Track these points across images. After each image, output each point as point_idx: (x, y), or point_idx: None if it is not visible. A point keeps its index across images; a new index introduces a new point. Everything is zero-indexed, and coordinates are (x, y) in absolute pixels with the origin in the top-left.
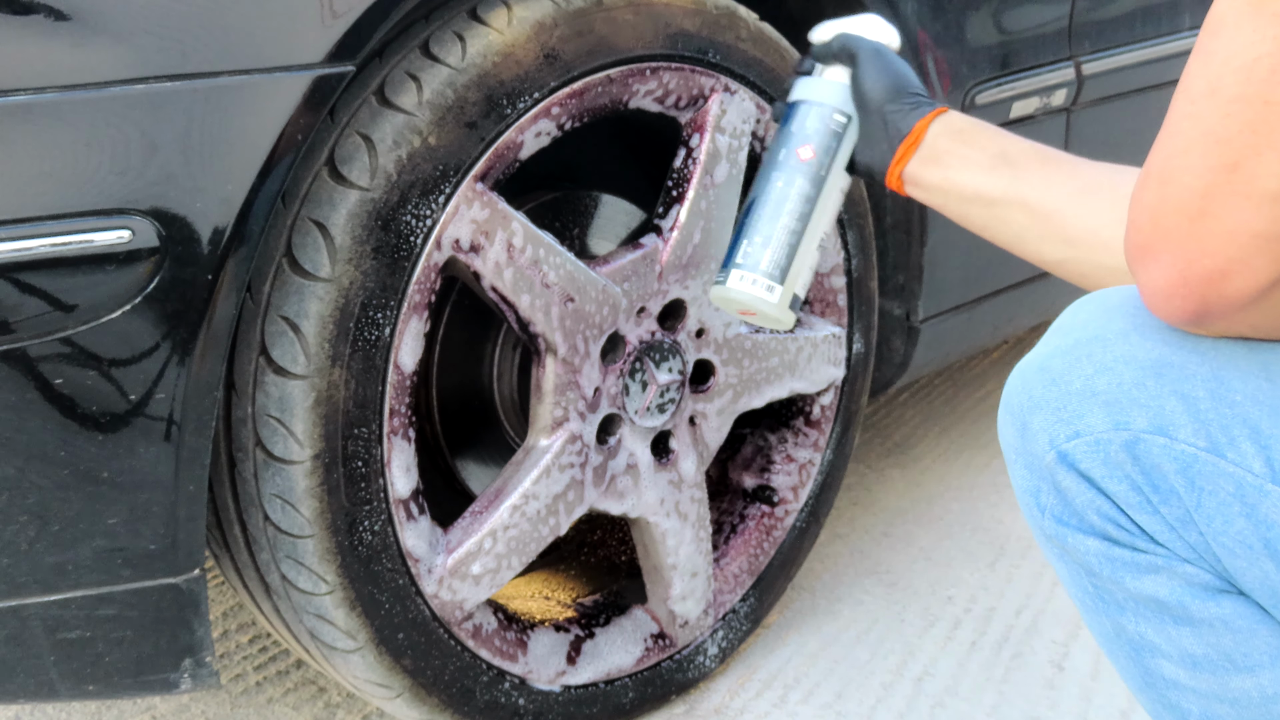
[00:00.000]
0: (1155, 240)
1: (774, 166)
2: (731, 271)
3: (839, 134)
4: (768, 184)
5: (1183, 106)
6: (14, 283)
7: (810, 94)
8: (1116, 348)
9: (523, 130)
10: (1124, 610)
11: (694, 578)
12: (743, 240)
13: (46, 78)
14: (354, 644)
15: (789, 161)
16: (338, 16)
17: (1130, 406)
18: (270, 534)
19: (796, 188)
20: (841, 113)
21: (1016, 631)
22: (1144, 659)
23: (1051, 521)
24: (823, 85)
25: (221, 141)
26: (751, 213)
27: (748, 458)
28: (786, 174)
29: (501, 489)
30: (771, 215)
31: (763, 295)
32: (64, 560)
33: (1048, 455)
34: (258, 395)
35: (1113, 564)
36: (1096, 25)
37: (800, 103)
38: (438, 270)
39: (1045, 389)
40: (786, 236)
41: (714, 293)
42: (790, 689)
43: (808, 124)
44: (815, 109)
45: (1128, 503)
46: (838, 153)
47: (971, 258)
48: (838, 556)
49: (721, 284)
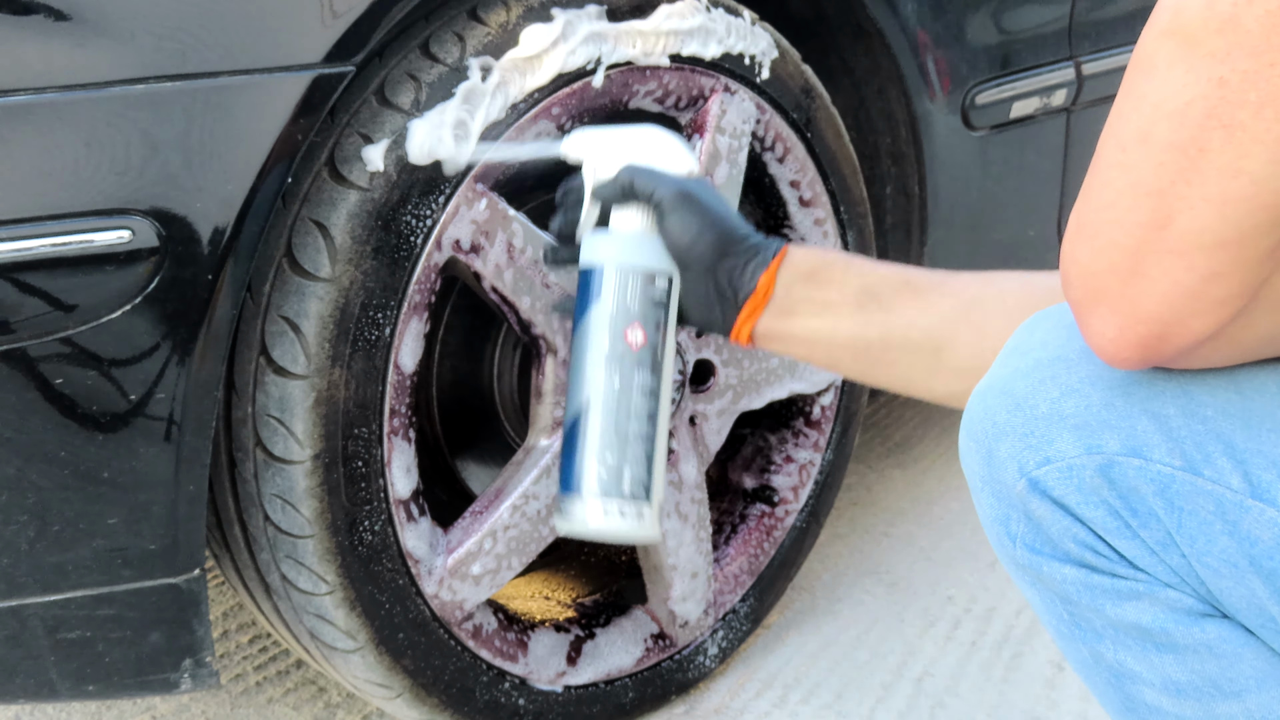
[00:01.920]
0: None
1: (600, 360)
2: (587, 502)
3: (664, 302)
4: (598, 385)
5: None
6: (14, 283)
7: (614, 255)
8: (1080, 368)
9: (522, 131)
10: (1102, 638)
11: (694, 578)
12: (587, 459)
13: (46, 78)
14: (354, 644)
15: (617, 350)
16: (338, 16)
17: (1101, 429)
18: (270, 534)
19: (636, 383)
20: (662, 274)
21: (1016, 631)
22: (1124, 686)
23: (1024, 550)
24: (627, 241)
25: (221, 141)
26: (586, 422)
27: (747, 458)
28: (621, 369)
29: (501, 489)
30: (618, 425)
31: (632, 525)
32: (64, 560)
33: (1018, 483)
34: (258, 395)
35: (1091, 592)
36: (1097, 25)
37: (604, 267)
38: (438, 271)
39: (1010, 414)
40: (641, 445)
41: (564, 527)
42: (790, 689)
43: (626, 298)
44: (629, 276)
45: (1105, 528)
46: (668, 324)
47: (971, 258)
48: (838, 556)
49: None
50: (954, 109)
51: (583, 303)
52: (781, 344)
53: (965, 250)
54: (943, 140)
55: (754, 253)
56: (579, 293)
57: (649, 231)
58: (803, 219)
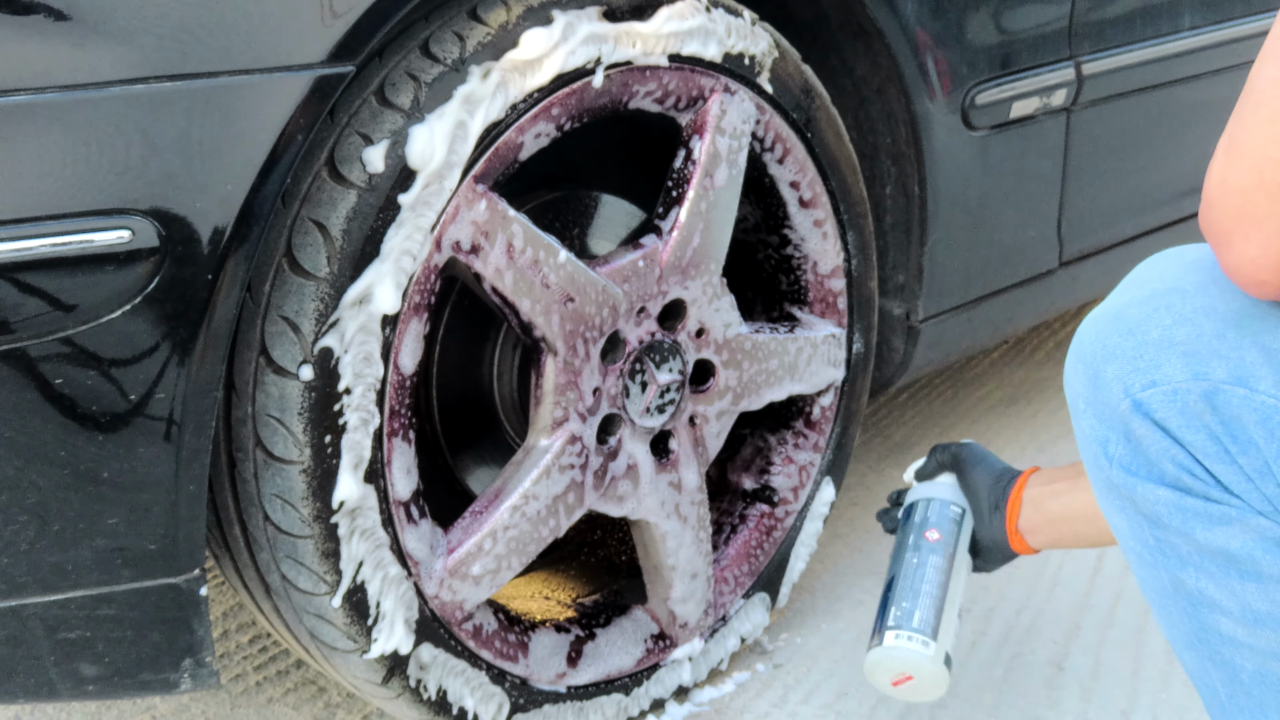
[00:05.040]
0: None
1: (906, 549)
2: (886, 633)
3: (957, 520)
4: (903, 563)
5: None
6: (14, 283)
7: (925, 493)
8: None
9: (522, 131)
10: (1186, 564)
11: (694, 579)
12: (890, 608)
13: (46, 78)
14: (354, 644)
15: (919, 544)
16: (338, 16)
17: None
18: (270, 534)
19: (931, 563)
20: (957, 504)
21: (1016, 631)
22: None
23: (1119, 471)
24: (934, 485)
25: (221, 141)
26: (893, 588)
27: (747, 459)
28: (919, 553)
29: (501, 489)
30: (913, 585)
31: (920, 649)
32: (64, 560)
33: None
34: (258, 395)
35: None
36: (1097, 25)
37: (918, 501)
38: (438, 271)
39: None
40: (931, 601)
41: (869, 660)
42: (790, 689)
43: (929, 514)
44: (934, 503)
45: (1204, 452)
46: (959, 536)
47: (971, 258)
48: (838, 556)
49: (877, 647)
50: (954, 109)
51: (902, 523)
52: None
53: (965, 250)
54: (943, 140)
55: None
56: (901, 520)
57: (950, 484)
58: (802, 220)
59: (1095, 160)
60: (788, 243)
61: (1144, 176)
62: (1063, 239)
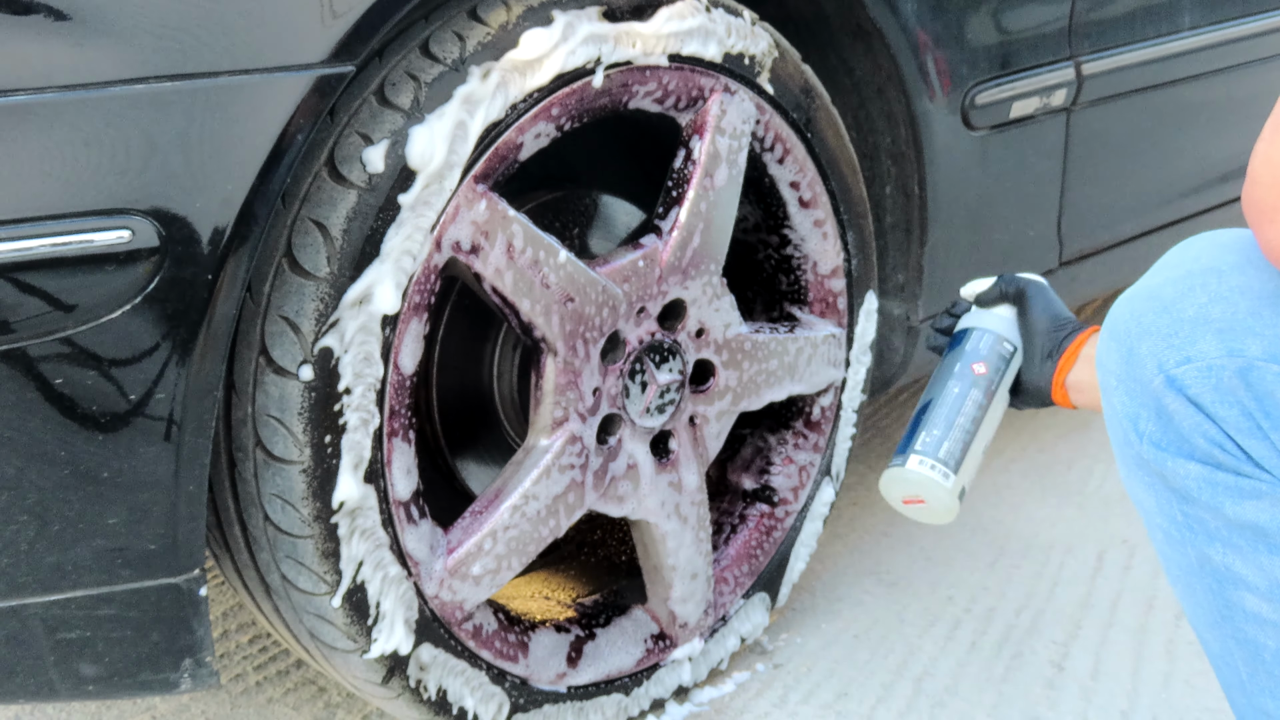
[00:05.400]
0: None
1: (950, 376)
2: (910, 456)
3: (1007, 359)
4: (944, 390)
5: None
6: (14, 283)
7: (981, 322)
8: (1231, 278)
9: (522, 131)
10: (1214, 540)
11: (694, 579)
12: (920, 432)
13: (46, 78)
14: (354, 644)
15: (964, 374)
16: (338, 17)
17: (1245, 334)
18: (270, 534)
19: (971, 396)
20: (1009, 342)
21: (1016, 631)
22: (1226, 592)
23: (1149, 446)
24: (991, 317)
25: (221, 141)
26: (928, 411)
27: (747, 459)
28: (961, 383)
29: (501, 489)
30: (948, 414)
31: (939, 480)
32: (64, 560)
33: (1155, 379)
34: (258, 395)
35: (1213, 489)
36: (1097, 25)
37: (972, 329)
38: (438, 272)
39: (1156, 316)
40: (962, 435)
41: (888, 475)
42: (790, 689)
43: (980, 346)
44: (987, 335)
45: (1236, 428)
46: (1005, 374)
47: (971, 258)
48: (838, 556)
49: (898, 466)
50: (954, 109)
51: (950, 348)
52: (1086, 394)
53: (965, 250)
54: (942, 140)
55: (1075, 327)
56: (950, 344)
57: (1009, 318)
58: (802, 220)
59: (1095, 160)
60: (788, 243)
61: (1144, 176)
62: (1062, 239)
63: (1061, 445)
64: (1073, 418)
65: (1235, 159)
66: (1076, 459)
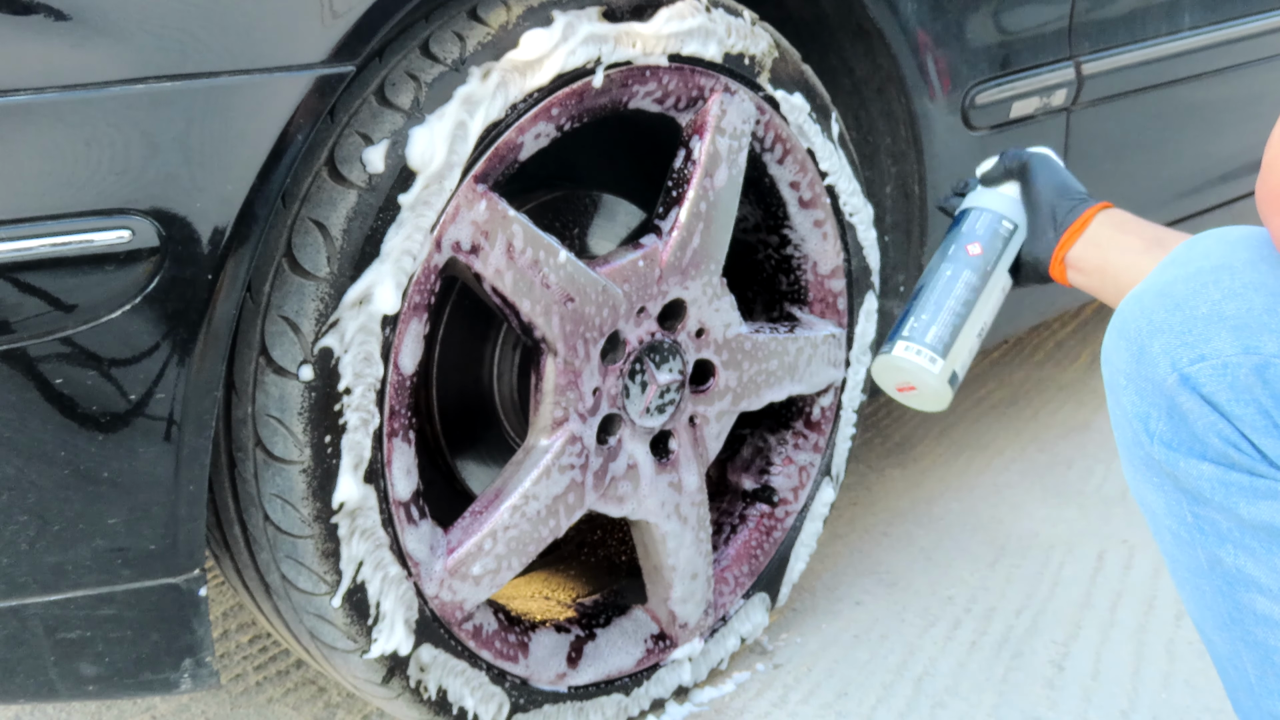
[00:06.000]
0: None
1: (944, 259)
2: (897, 342)
3: (1005, 238)
4: (936, 273)
5: None
6: (14, 283)
7: (980, 202)
8: (1244, 274)
9: (522, 131)
10: (1225, 540)
11: (694, 579)
12: (910, 317)
13: (46, 78)
14: (354, 644)
15: (958, 255)
16: (338, 16)
17: (1260, 331)
18: (270, 534)
19: (963, 278)
20: (1009, 220)
21: (1016, 631)
22: (1236, 594)
23: (1160, 446)
24: (991, 195)
25: (221, 141)
26: (919, 295)
27: (747, 459)
28: (954, 266)
29: (501, 489)
30: (938, 298)
31: (926, 365)
32: (64, 560)
33: (1169, 378)
34: (258, 395)
35: (1226, 489)
36: (1097, 25)
37: (971, 209)
38: (438, 272)
39: (1168, 313)
40: (951, 318)
41: (878, 362)
42: (790, 689)
43: (977, 226)
44: (985, 215)
45: (1252, 426)
46: (1003, 254)
47: None
48: (838, 556)
49: (886, 353)
50: (954, 109)
51: (953, 227)
52: (1084, 275)
53: None
54: (942, 140)
55: (1082, 200)
56: (953, 224)
57: (1011, 196)
58: (802, 220)
59: (1095, 160)
60: (788, 243)
61: (1144, 176)
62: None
63: (1061, 445)
64: (1073, 417)
65: (1236, 159)
66: (1076, 459)
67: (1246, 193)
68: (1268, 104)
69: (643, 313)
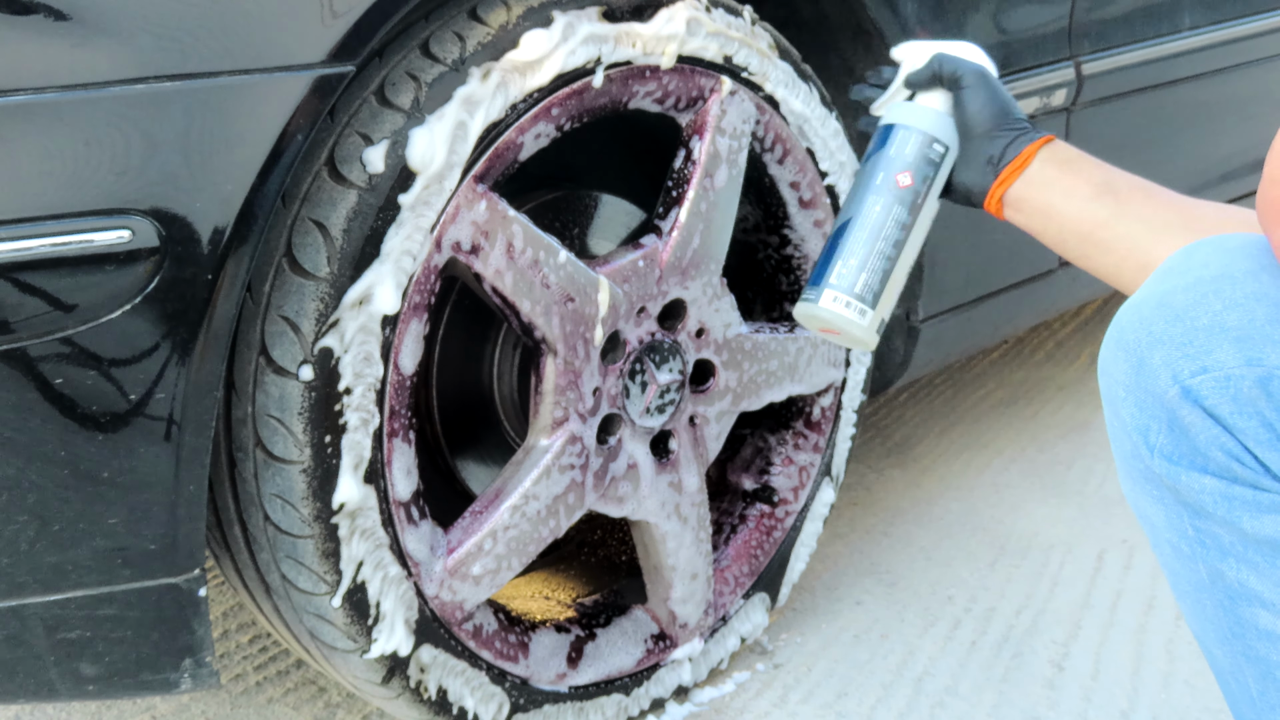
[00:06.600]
0: None
1: (870, 189)
2: (825, 290)
3: (936, 163)
4: (863, 206)
5: None
6: (14, 283)
7: (908, 119)
8: (1246, 285)
9: (522, 131)
10: (1227, 555)
11: (694, 579)
12: (836, 260)
13: (46, 78)
14: (354, 644)
15: (886, 186)
16: (338, 16)
17: (1264, 343)
18: (270, 534)
19: (893, 214)
20: (941, 142)
21: (1016, 631)
22: (1238, 609)
23: (1161, 460)
24: (921, 111)
25: (221, 141)
26: (846, 234)
27: (747, 459)
28: (884, 199)
29: (501, 489)
30: (868, 239)
31: (854, 318)
32: (64, 560)
33: (1170, 390)
34: (258, 395)
35: (1230, 503)
36: (1097, 25)
37: (897, 126)
38: (438, 272)
39: (1168, 324)
40: (881, 262)
41: (802, 309)
42: (790, 689)
43: (906, 150)
44: (915, 135)
45: (1256, 440)
46: (934, 182)
47: (971, 258)
48: (838, 556)
49: (812, 301)
50: None
51: (872, 150)
52: (1024, 216)
53: (965, 250)
54: None
55: (1024, 131)
56: (872, 143)
57: (940, 111)
58: (802, 220)
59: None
60: (788, 243)
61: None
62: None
63: (1061, 445)
64: (1073, 417)
65: (1235, 159)
66: (1076, 459)
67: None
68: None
69: (643, 313)
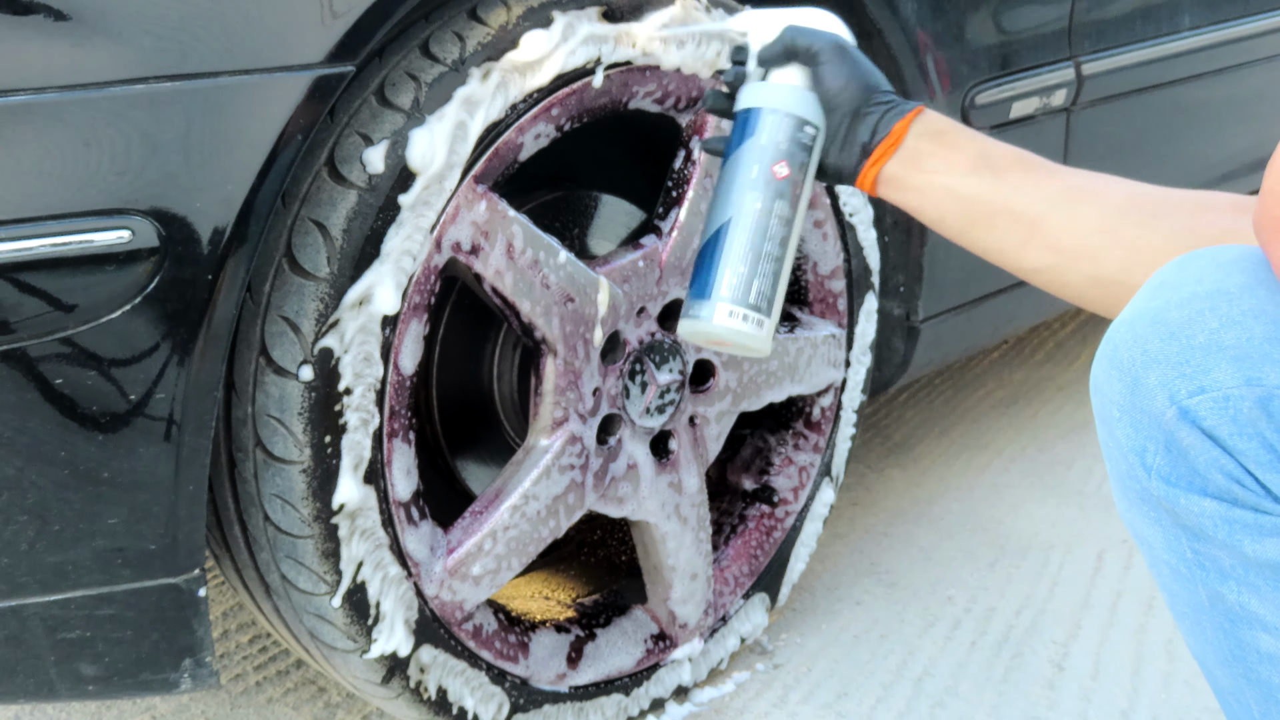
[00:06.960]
0: None
1: (746, 185)
2: (716, 305)
3: (809, 147)
4: (742, 205)
5: None
6: (14, 283)
7: (773, 101)
8: (1242, 301)
9: (522, 131)
10: (1228, 578)
11: (694, 580)
12: (722, 269)
13: (46, 78)
14: (354, 644)
15: (763, 180)
16: (338, 17)
17: (1262, 361)
18: (270, 534)
19: (776, 210)
20: (811, 124)
21: (1016, 631)
22: (1239, 632)
23: (1159, 482)
24: (786, 91)
25: (221, 141)
26: (726, 237)
27: (747, 459)
28: (763, 195)
29: (501, 489)
30: (753, 241)
31: (751, 330)
32: (64, 560)
33: (1167, 412)
34: (258, 395)
35: (1230, 526)
36: (1096, 25)
37: (763, 110)
38: (438, 272)
39: (1163, 343)
40: (771, 264)
41: (689, 326)
42: (790, 689)
43: (778, 137)
44: (784, 119)
45: (1257, 462)
46: (810, 167)
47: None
48: (838, 556)
49: (702, 319)
50: (954, 109)
51: (737, 139)
52: (900, 192)
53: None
54: None
55: (892, 106)
56: (734, 132)
57: (804, 88)
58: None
59: (1095, 161)
60: None
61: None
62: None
63: (1061, 445)
64: (1072, 417)
65: (1235, 159)
66: (1076, 459)
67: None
68: (1268, 104)
69: (643, 313)
